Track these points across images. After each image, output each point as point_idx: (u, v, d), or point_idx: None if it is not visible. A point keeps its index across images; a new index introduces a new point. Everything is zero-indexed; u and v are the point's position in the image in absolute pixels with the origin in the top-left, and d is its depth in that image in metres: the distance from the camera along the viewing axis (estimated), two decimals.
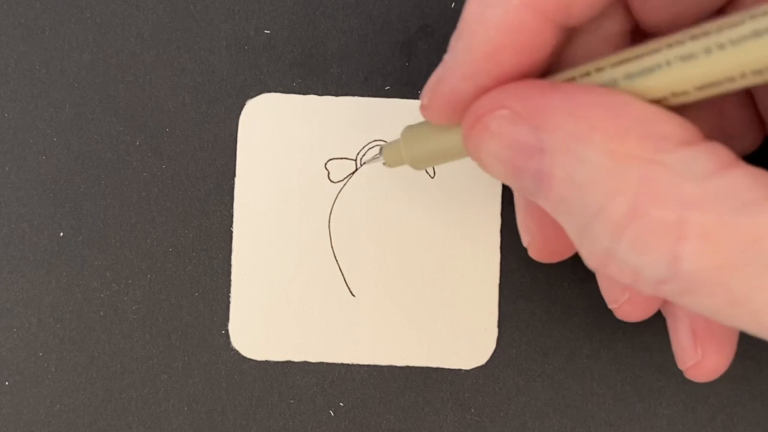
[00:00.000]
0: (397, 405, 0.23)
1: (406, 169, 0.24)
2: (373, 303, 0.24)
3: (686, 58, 0.14)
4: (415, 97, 0.24)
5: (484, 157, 0.16)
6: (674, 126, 0.14)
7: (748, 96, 0.20)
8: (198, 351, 0.24)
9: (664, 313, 0.21)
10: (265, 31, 0.24)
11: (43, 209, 0.24)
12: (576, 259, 0.20)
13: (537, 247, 0.21)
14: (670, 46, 0.14)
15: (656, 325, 0.22)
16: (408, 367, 0.24)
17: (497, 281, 0.24)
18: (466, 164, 0.23)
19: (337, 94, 0.24)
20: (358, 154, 0.24)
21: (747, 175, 0.13)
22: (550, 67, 0.17)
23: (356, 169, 0.24)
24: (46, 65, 0.24)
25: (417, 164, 0.20)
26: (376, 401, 0.23)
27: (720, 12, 0.18)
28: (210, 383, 0.23)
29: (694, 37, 0.14)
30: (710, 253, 0.13)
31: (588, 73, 0.15)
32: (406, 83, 0.24)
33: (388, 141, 0.24)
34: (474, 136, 0.16)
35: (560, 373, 0.23)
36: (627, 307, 0.20)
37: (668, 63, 0.14)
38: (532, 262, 0.24)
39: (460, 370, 0.23)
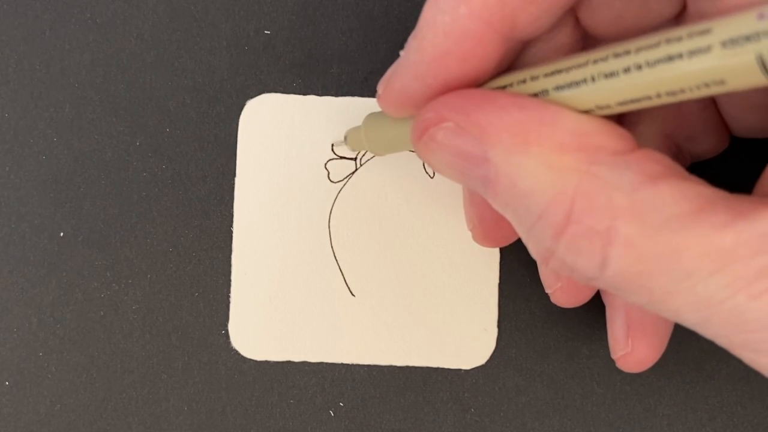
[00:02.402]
0: (397, 405, 0.23)
1: (406, 170, 0.24)
2: (373, 303, 0.24)
3: (609, 75, 0.14)
4: None
5: (433, 163, 0.17)
6: (607, 136, 0.15)
7: (710, 98, 0.20)
8: (198, 351, 0.24)
9: (605, 303, 0.22)
10: (265, 32, 0.24)
11: (43, 209, 0.24)
12: None
13: (478, 234, 0.22)
14: (595, 62, 0.15)
15: None
16: (408, 367, 0.24)
17: (497, 281, 0.24)
18: None
19: (337, 94, 0.24)
20: (358, 154, 0.24)
21: (674, 188, 0.14)
22: (502, 73, 0.17)
23: (356, 169, 0.24)
24: (46, 65, 0.24)
25: (375, 150, 0.21)
26: (376, 401, 0.23)
27: (675, 23, 0.18)
28: (210, 383, 0.23)
29: (616, 55, 0.14)
30: (633, 260, 0.14)
31: (524, 81, 0.16)
32: None
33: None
34: (422, 144, 0.17)
35: (560, 373, 0.23)
36: (560, 294, 0.21)
37: (593, 78, 0.15)
38: (532, 262, 0.24)
39: (460, 370, 0.23)
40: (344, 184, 0.24)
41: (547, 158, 0.15)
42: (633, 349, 0.21)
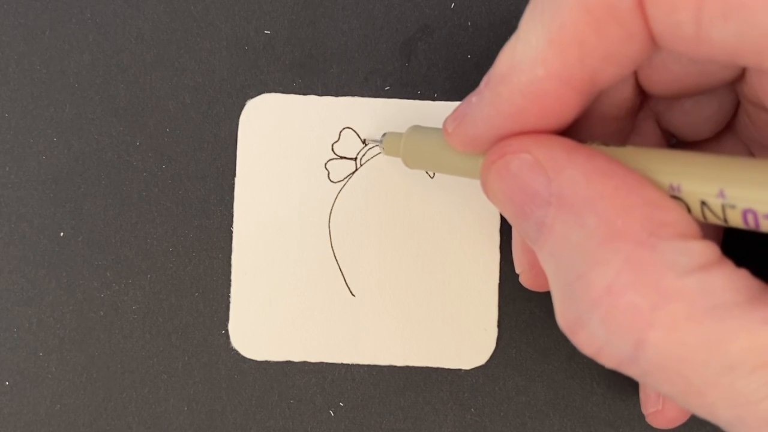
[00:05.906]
0: (397, 405, 0.23)
1: (406, 170, 0.24)
2: (373, 303, 0.24)
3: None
4: (415, 97, 0.24)
5: (496, 191, 0.17)
6: (676, 216, 0.14)
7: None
8: (198, 351, 0.24)
9: None
10: (265, 32, 0.24)
11: (43, 209, 0.24)
12: None
13: (527, 279, 0.22)
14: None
15: None
16: (408, 367, 0.24)
17: (497, 281, 0.24)
18: None
19: (337, 94, 0.24)
20: (358, 154, 0.24)
21: (726, 276, 0.14)
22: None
23: (356, 169, 0.24)
24: (46, 65, 0.24)
25: (410, 162, 0.21)
26: (376, 401, 0.23)
27: (731, 87, 0.18)
28: (210, 383, 0.23)
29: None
30: (674, 345, 0.13)
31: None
32: (406, 83, 0.24)
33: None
34: (493, 170, 0.17)
35: (560, 373, 0.23)
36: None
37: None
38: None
39: (460, 370, 0.23)
40: (344, 184, 0.24)
41: (610, 216, 0.14)
42: (664, 407, 0.21)
